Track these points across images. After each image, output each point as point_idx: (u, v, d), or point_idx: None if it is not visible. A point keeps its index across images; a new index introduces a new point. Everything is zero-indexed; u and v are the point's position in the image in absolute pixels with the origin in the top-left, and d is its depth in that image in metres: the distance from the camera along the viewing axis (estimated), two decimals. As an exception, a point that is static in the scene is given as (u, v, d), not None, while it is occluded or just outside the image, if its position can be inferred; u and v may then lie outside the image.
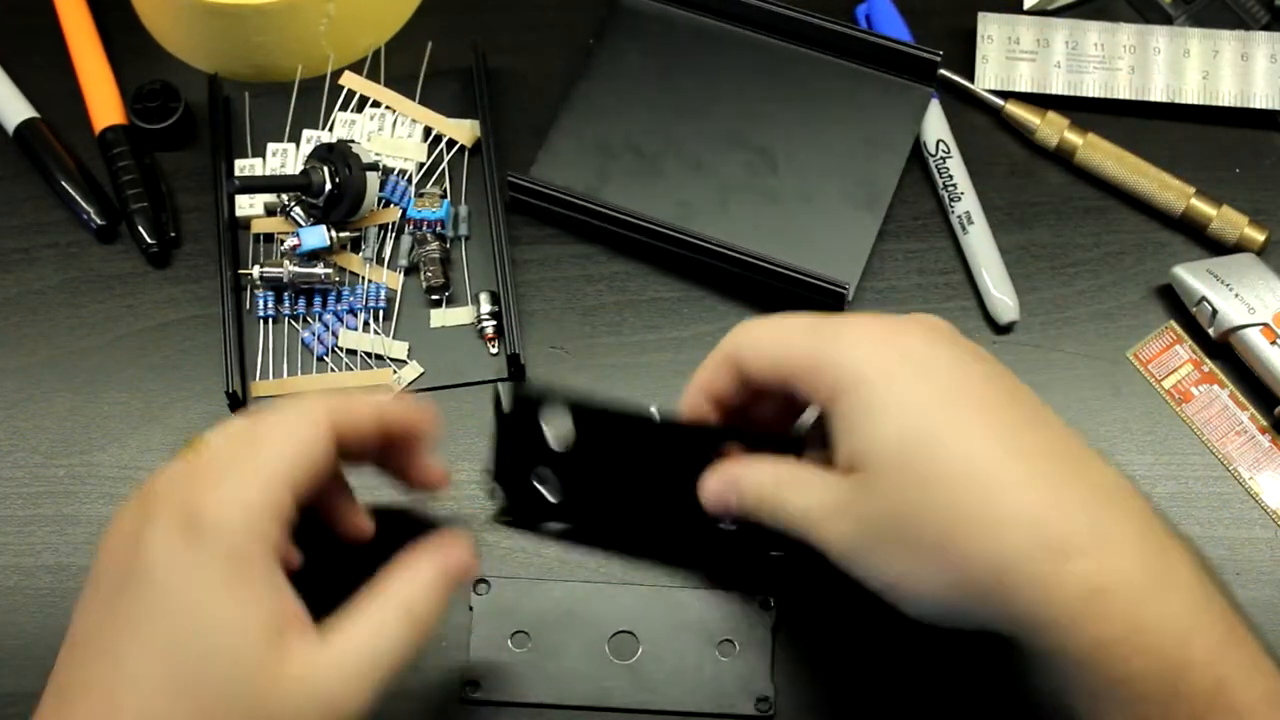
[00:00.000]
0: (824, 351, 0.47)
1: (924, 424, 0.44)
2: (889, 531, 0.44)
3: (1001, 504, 0.42)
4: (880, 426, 0.45)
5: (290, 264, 0.62)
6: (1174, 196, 0.64)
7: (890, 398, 0.45)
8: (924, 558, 0.44)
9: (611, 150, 0.66)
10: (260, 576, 0.42)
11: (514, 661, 0.56)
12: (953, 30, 0.69)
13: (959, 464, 0.43)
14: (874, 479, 0.45)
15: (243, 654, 0.41)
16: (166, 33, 0.70)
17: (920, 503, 0.43)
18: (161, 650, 0.41)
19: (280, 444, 0.44)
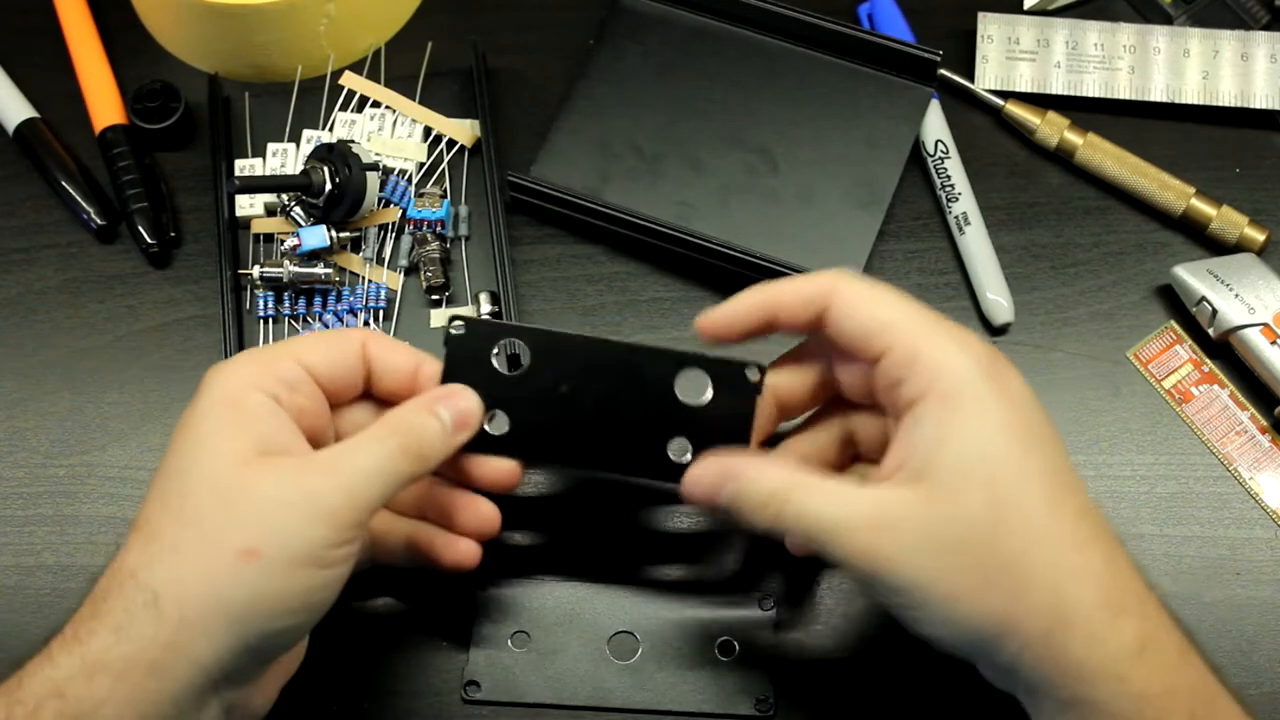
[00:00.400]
0: (930, 342, 0.46)
1: (1012, 457, 0.44)
2: (954, 548, 0.43)
3: (1068, 557, 0.44)
4: (970, 443, 0.44)
5: (290, 264, 0.62)
6: (1174, 196, 0.64)
7: (985, 419, 0.44)
8: (984, 582, 0.43)
9: (611, 150, 0.66)
10: (248, 408, 0.46)
11: (514, 661, 0.56)
12: (953, 30, 0.69)
13: (1038, 504, 0.44)
14: (951, 493, 0.44)
15: (219, 453, 0.45)
16: (166, 33, 0.70)
17: (997, 530, 0.43)
18: (164, 475, 0.46)
19: (297, 338, 0.50)
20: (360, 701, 0.56)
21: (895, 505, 0.44)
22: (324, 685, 0.55)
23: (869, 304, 0.47)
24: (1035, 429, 0.46)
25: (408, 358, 0.51)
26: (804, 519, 0.46)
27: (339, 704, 0.56)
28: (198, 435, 0.46)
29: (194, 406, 0.47)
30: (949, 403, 0.45)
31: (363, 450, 0.46)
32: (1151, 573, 0.58)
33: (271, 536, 0.43)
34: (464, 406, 0.49)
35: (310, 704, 0.55)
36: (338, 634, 0.56)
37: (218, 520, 0.44)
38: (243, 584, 0.43)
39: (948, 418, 0.45)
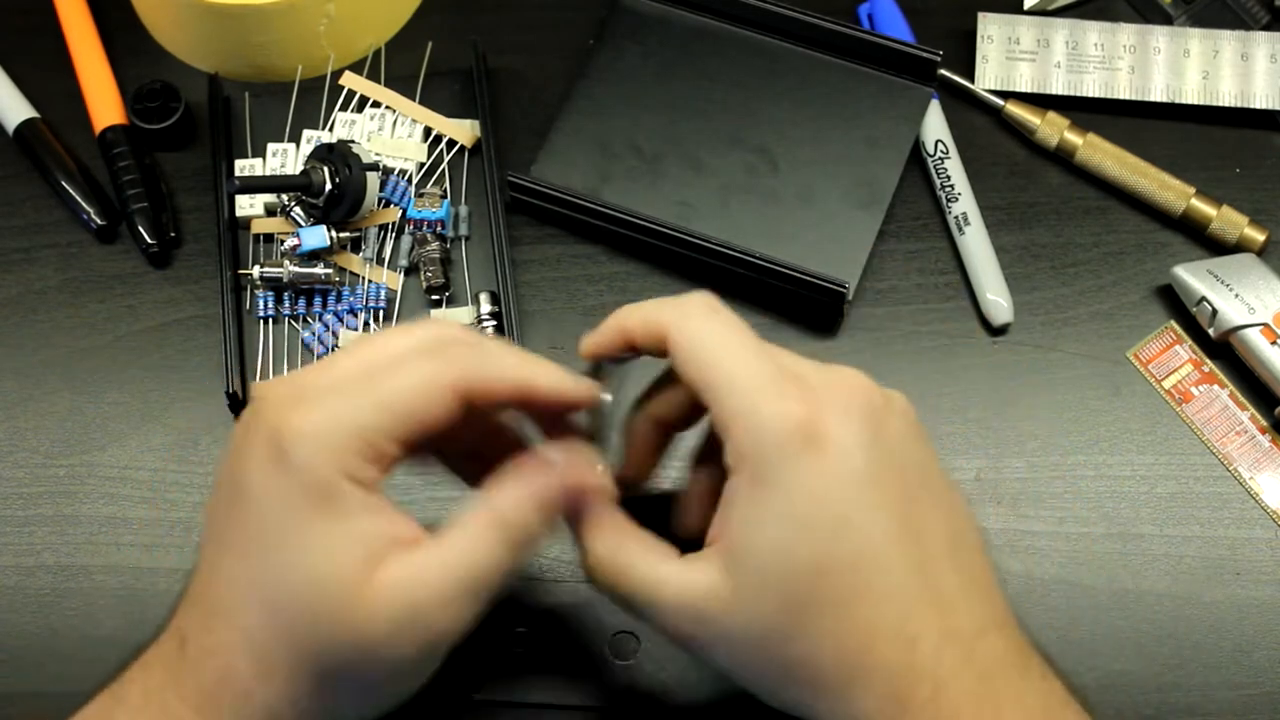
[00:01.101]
0: (748, 408, 0.42)
1: (807, 554, 0.41)
2: (754, 646, 0.42)
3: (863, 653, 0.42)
4: (769, 540, 0.42)
5: (290, 264, 0.62)
6: (1174, 196, 0.64)
7: (790, 506, 0.41)
8: (781, 679, 0.43)
9: (611, 150, 0.66)
10: (348, 507, 0.42)
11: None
12: (953, 30, 0.69)
13: (832, 607, 0.41)
14: (750, 595, 0.42)
15: (328, 578, 0.41)
16: (166, 33, 0.70)
17: (785, 631, 0.42)
18: (261, 572, 0.42)
19: (393, 394, 0.42)
20: (360, 701, 0.56)
21: (705, 598, 0.43)
22: (324, 685, 0.55)
23: (696, 351, 0.44)
24: (854, 504, 0.42)
25: (515, 385, 0.45)
26: (629, 592, 0.45)
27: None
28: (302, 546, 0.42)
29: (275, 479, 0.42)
30: (755, 490, 0.42)
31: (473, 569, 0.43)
32: (1151, 573, 0.58)
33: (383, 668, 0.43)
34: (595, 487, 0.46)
35: (310, 704, 0.55)
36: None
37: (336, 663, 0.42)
38: (355, 705, 0.44)
39: (754, 508, 0.42)
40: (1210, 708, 0.56)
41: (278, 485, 0.42)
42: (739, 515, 0.42)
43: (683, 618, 0.43)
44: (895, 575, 0.42)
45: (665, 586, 0.44)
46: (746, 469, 0.42)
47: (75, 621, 0.58)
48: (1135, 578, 0.58)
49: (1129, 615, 0.57)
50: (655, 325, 0.45)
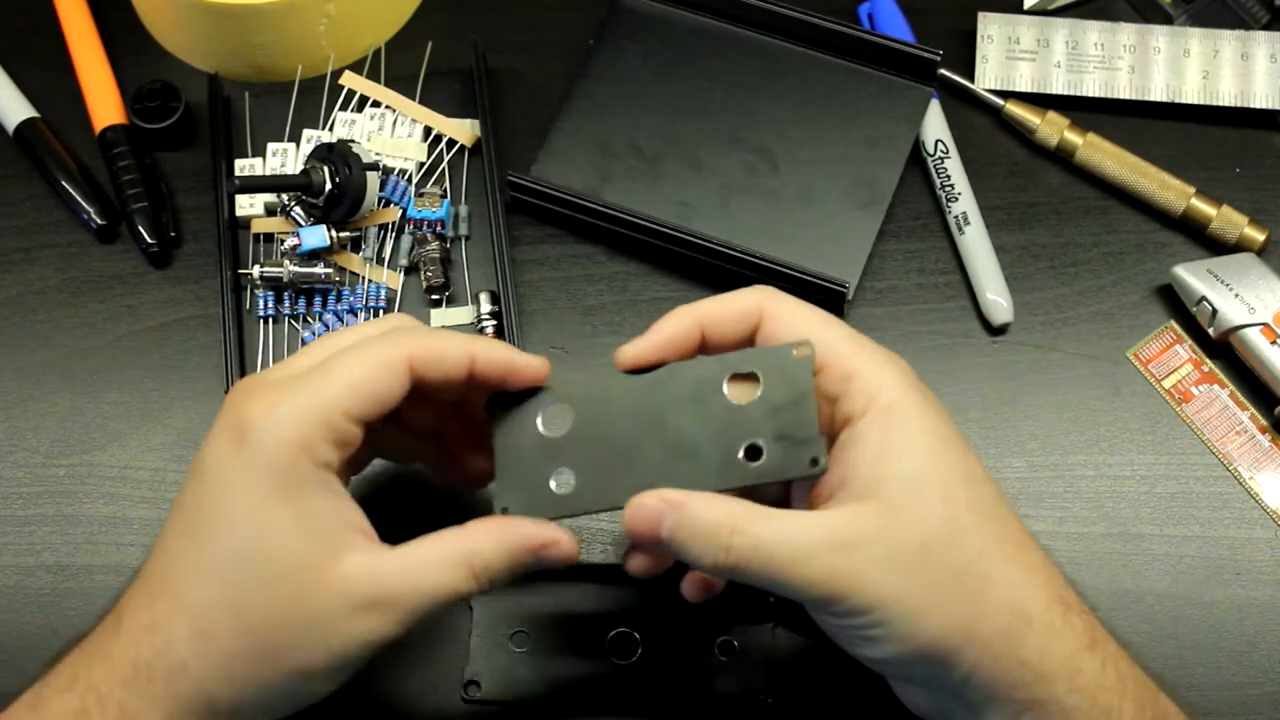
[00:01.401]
0: (865, 360, 0.46)
1: (955, 468, 0.45)
2: (916, 562, 0.43)
3: (1020, 555, 0.44)
4: (918, 457, 0.44)
5: (290, 264, 0.62)
6: (1174, 196, 0.64)
7: (926, 432, 0.45)
8: (946, 592, 0.43)
9: (611, 150, 0.66)
10: (307, 488, 0.43)
11: (514, 661, 0.56)
12: (953, 30, 0.69)
13: (986, 512, 0.45)
14: (906, 507, 0.43)
15: (284, 556, 0.43)
16: (166, 33, 0.70)
17: (954, 539, 0.43)
18: (211, 550, 0.43)
19: (346, 372, 0.45)
20: (360, 701, 0.56)
21: (851, 524, 0.43)
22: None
23: (801, 322, 0.47)
24: (961, 441, 0.46)
25: (459, 360, 0.47)
26: (759, 549, 0.44)
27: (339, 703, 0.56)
28: (255, 523, 0.43)
29: (239, 469, 0.43)
30: (891, 417, 0.44)
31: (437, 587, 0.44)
32: (1151, 573, 0.58)
33: (327, 656, 0.44)
34: (563, 556, 0.47)
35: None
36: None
37: (280, 637, 0.43)
38: (294, 691, 0.45)
39: (892, 432, 0.44)
40: (1210, 708, 0.56)
41: (237, 465, 0.43)
42: (873, 450, 0.44)
43: (835, 553, 0.43)
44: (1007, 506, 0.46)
45: (800, 531, 0.44)
46: (877, 404, 0.45)
47: (75, 621, 0.58)
48: (1135, 578, 0.58)
49: (1129, 615, 0.57)
50: (745, 308, 0.48)
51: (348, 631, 0.44)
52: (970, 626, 0.43)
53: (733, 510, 0.44)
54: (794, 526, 0.44)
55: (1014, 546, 0.45)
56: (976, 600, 0.43)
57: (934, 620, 0.43)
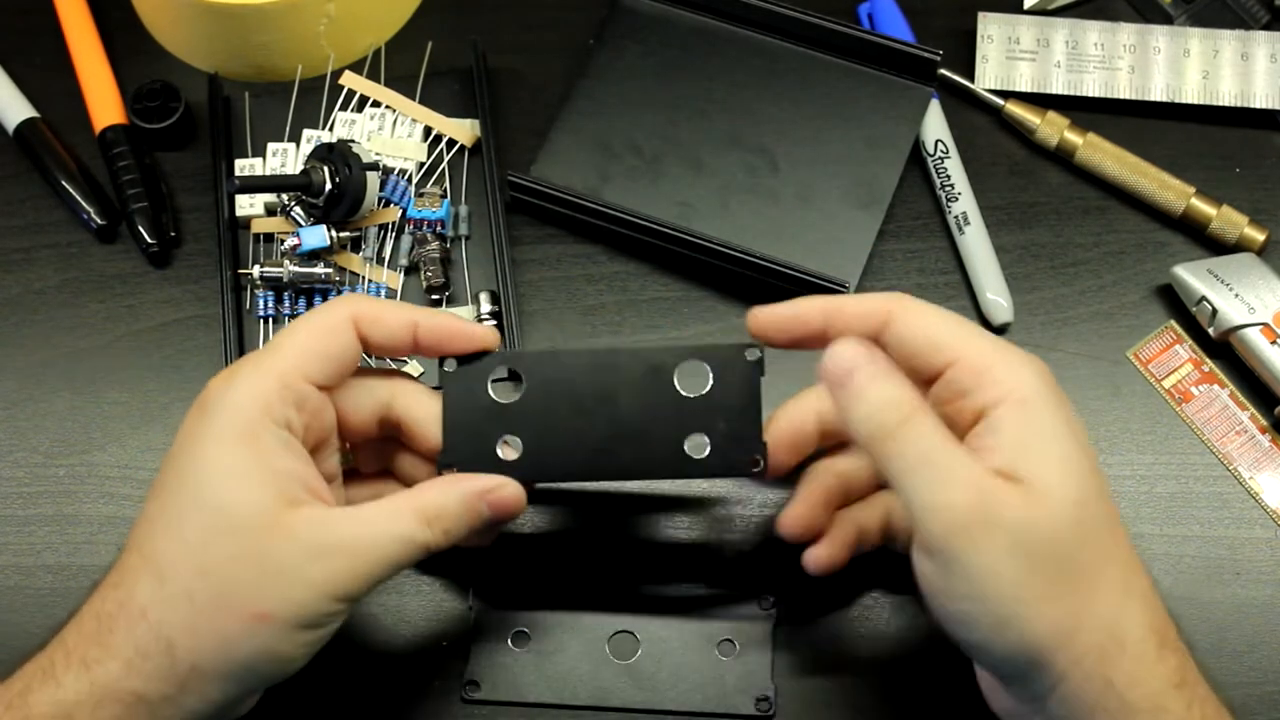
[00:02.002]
0: (1000, 355, 0.46)
1: (1088, 471, 0.44)
2: (1040, 550, 0.43)
3: (1130, 578, 0.44)
4: (1056, 451, 0.44)
5: (290, 264, 0.62)
6: (1174, 196, 0.64)
7: (1062, 431, 0.45)
8: (1057, 589, 0.43)
9: (611, 150, 0.66)
10: (267, 442, 0.45)
11: (514, 661, 0.56)
12: (953, 30, 0.69)
13: (1110, 522, 0.45)
14: (1044, 495, 0.43)
15: (242, 502, 0.44)
16: (166, 33, 0.70)
17: (1079, 538, 0.43)
18: (175, 503, 0.45)
19: (295, 338, 0.48)
20: (360, 701, 0.56)
21: (996, 490, 0.43)
22: (324, 685, 0.55)
23: (935, 319, 0.47)
24: (1093, 454, 0.46)
25: (403, 321, 0.50)
26: (912, 448, 0.44)
27: (339, 703, 0.56)
28: (215, 473, 0.45)
29: (204, 432, 0.46)
30: (1029, 409, 0.45)
31: (390, 536, 0.46)
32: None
33: (285, 604, 0.44)
34: (510, 501, 0.49)
35: (310, 703, 0.55)
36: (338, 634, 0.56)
37: (237, 580, 0.44)
38: (253, 643, 0.44)
39: (1030, 423, 0.44)
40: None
41: (200, 427, 0.45)
42: (1011, 437, 0.44)
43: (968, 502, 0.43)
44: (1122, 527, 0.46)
45: (965, 465, 0.43)
46: (1014, 396, 0.45)
47: (75, 621, 0.58)
48: (1135, 578, 0.58)
49: (1129, 615, 0.57)
50: (875, 305, 0.48)
51: (305, 578, 0.44)
52: (1069, 633, 0.43)
53: (914, 402, 0.44)
54: (954, 454, 0.44)
55: (1124, 568, 0.44)
56: (1082, 609, 0.43)
57: (1035, 615, 0.42)
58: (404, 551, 0.46)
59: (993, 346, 0.46)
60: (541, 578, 0.57)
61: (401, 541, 0.46)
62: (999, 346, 0.46)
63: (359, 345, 0.49)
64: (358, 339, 0.49)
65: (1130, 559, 0.45)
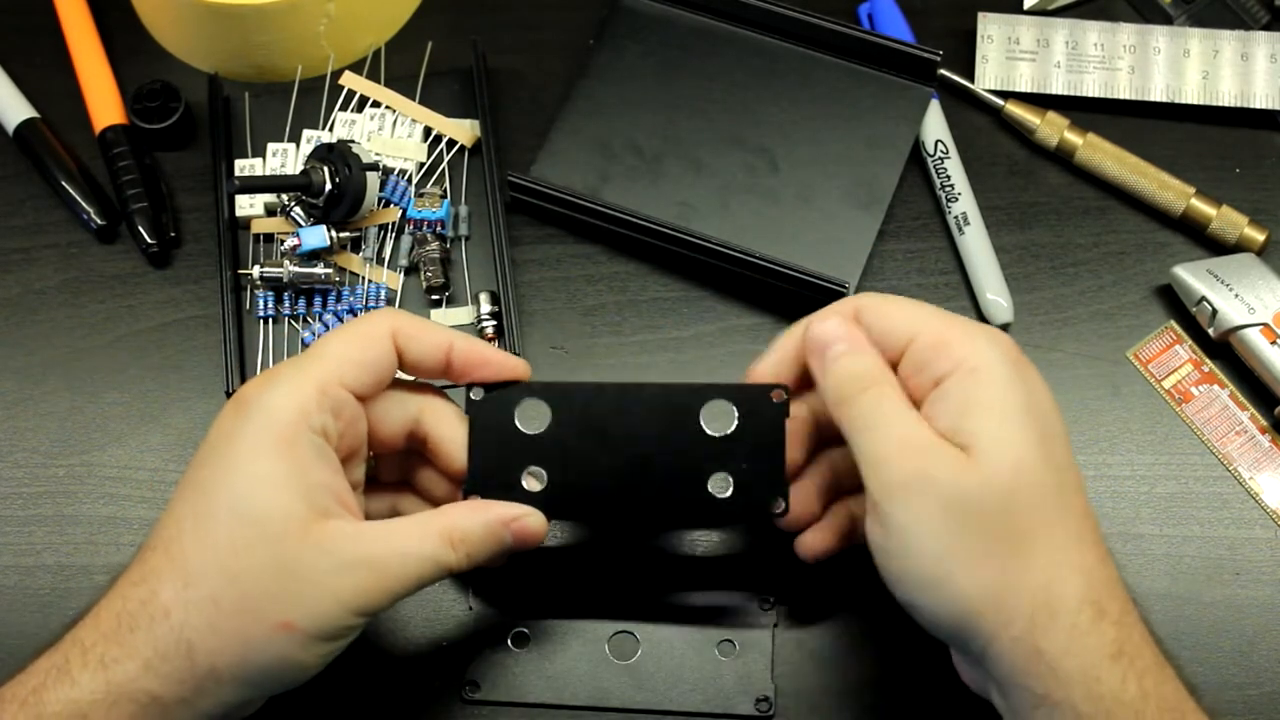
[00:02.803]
0: (958, 330, 0.47)
1: (1032, 440, 0.45)
2: (971, 512, 0.44)
3: (1069, 550, 0.44)
4: (998, 416, 0.45)
5: (290, 264, 0.62)
6: (1174, 196, 0.64)
7: (1011, 399, 0.45)
8: (987, 551, 0.44)
9: (611, 150, 0.66)
10: (300, 451, 0.45)
11: (514, 661, 0.56)
12: (953, 30, 0.69)
13: (1051, 491, 0.45)
14: (978, 458, 0.44)
15: (274, 509, 0.45)
16: (166, 33, 0.70)
17: (1012, 504, 0.44)
18: (206, 504, 0.45)
19: (335, 346, 0.48)
20: (360, 701, 0.56)
21: (935, 450, 0.45)
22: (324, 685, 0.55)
23: (898, 304, 0.49)
24: (1053, 423, 0.47)
25: (439, 341, 0.50)
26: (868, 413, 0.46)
27: (339, 703, 0.56)
28: (249, 479, 0.45)
29: (241, 434, 0.46)
30: (977, 376, 0.46)
31: (416, 555, 0.46)
32: (1151, 573, 0.58)
33: (309, 615, 0.44)
34: (533, 531, 0.50)
35: (310, 703, 0.55)
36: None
37: (264, 589, 0.44)
38: (273, 650, 0.44)
39: (976, 390, 0.45)
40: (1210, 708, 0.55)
41: (238, 428, 0.45)
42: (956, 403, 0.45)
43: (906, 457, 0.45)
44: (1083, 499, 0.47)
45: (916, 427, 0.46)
46: (966, 368, 0.46)
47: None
48: (1135, 578, 0.58)
49: (1129, 615, 0.57)
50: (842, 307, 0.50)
51: (331, 591, 0.44)
52: (996, 597, 0.43)
53: (877, 373, 0.47)
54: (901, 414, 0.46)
55: (1069, 537, 0.45)
56: (1010, 573, 0.43)
57: (963, 576, 0.44)
58: (428, 571, 0.47)
59: (951, 323, 0.48)
60: (542, 578, 0.57)
61: (427, 561, 0.47)
62: (958, 323, 0.48)
63: (396, 358, 0.50)
64: (394, 351, 0.49)
65: (1079, 530, 0.45)
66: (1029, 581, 0.43)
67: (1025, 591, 0.43)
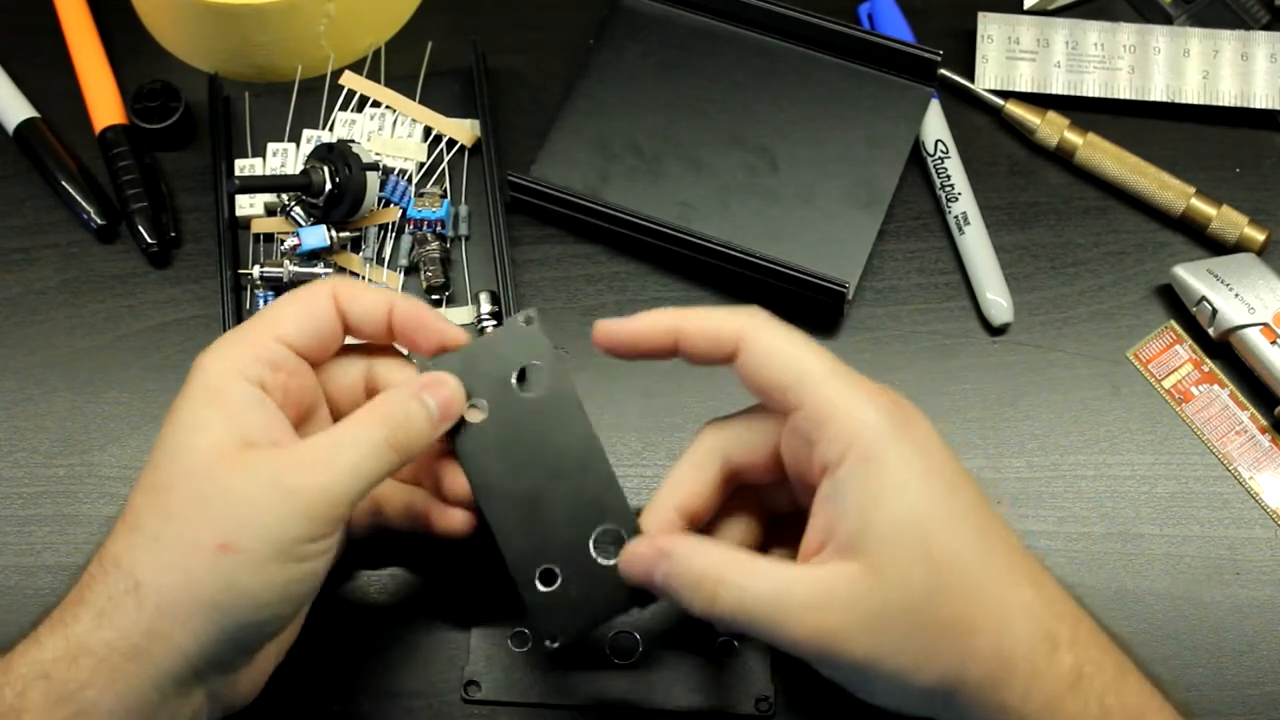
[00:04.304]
0: (841, 399, 0.45)
1: (939, 513, 0.44)
2: (899, 621, 0.43)
3: (1006, 596, 0.44)
4: (898, 508, 0.43)
5: (290, 264, 0.62)
6: (1174, 196, 0.64)
7: (908, 478, 0.44)
8: (931, 649, 0.43)
9: (611, 150, 0.66)
10: (231, 397, 0.46)
11: (514, 661, 0.56)
12: (953, 30, 0.69)
13: (972, 555, 0.44)
14: (889, 566, 0.43)
15: (200, 445, 0.45)
16: (166, 33, 0.70)
17: (938, 593, 0.43)
18: (151, 464, 0.46)
19: (272, 307, 0.50)
20: (360, 701, 0.56)
21: (835, 583, 0.43)
22: (324, 685, 0.55)
23: (779, 355, 0.46)
24: (951, 474, 0.45)
25: (378, 301, 0.50)
26: (742, 604, 0.44)
27: (339, 703, 0.56)
28: (180, 426, 0.46)
29: (181, 396, 0.47)
30: (869, 466, 0.44)
31: (348, 445, 0.46)
32: (1151, 573, 0.58)
33: (246, 531, 0.44)
34: (448, 394, 0.49)
35: (310, 703, 0.55)
36: (338, 634, 0.56)
37: (194, 513, 0.44)
38: (218, 576, 0.44)
39: (871, 483, 0.44)
40: (1210, 708, 0.56)
41: (182, 391, 0.47)
42: (854, 502, 0.44)
43: (819, 613, 0.43)
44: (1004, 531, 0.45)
45: (785, 586, 0.44)
46: (855, 452, 0.44)
47: (75, 621, 0.58)
48: (1135, 578, 0.58)
49: (1129, 615, 0.57)
50: (723, 331, 0.47)
51: (266, 500, 0.44)
52: (959, 675, 0.43)
53: (718, 561, 0.45)
54: (779, 582, 0.44)
55: (1003, 585, 0.44)
56: (963, 653, 0.43)
57: (924, 674, 0.43)
58: (363, 459, 0.46)
59: (836, 388, 0.45)
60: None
61: (356, 447, 0.46)
62: (842, 388, 0.45)
63: (339, 319, 0.50)
64: (337, 312, 0.50)
65: (1007, 572, 0.44)
66: (981, 650, 0.43)
67: (981, 662, 0.43)
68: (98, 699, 0.43)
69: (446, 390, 0.49)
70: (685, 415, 0.61)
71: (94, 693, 0.43)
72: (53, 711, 0.43)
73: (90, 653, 0.43)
